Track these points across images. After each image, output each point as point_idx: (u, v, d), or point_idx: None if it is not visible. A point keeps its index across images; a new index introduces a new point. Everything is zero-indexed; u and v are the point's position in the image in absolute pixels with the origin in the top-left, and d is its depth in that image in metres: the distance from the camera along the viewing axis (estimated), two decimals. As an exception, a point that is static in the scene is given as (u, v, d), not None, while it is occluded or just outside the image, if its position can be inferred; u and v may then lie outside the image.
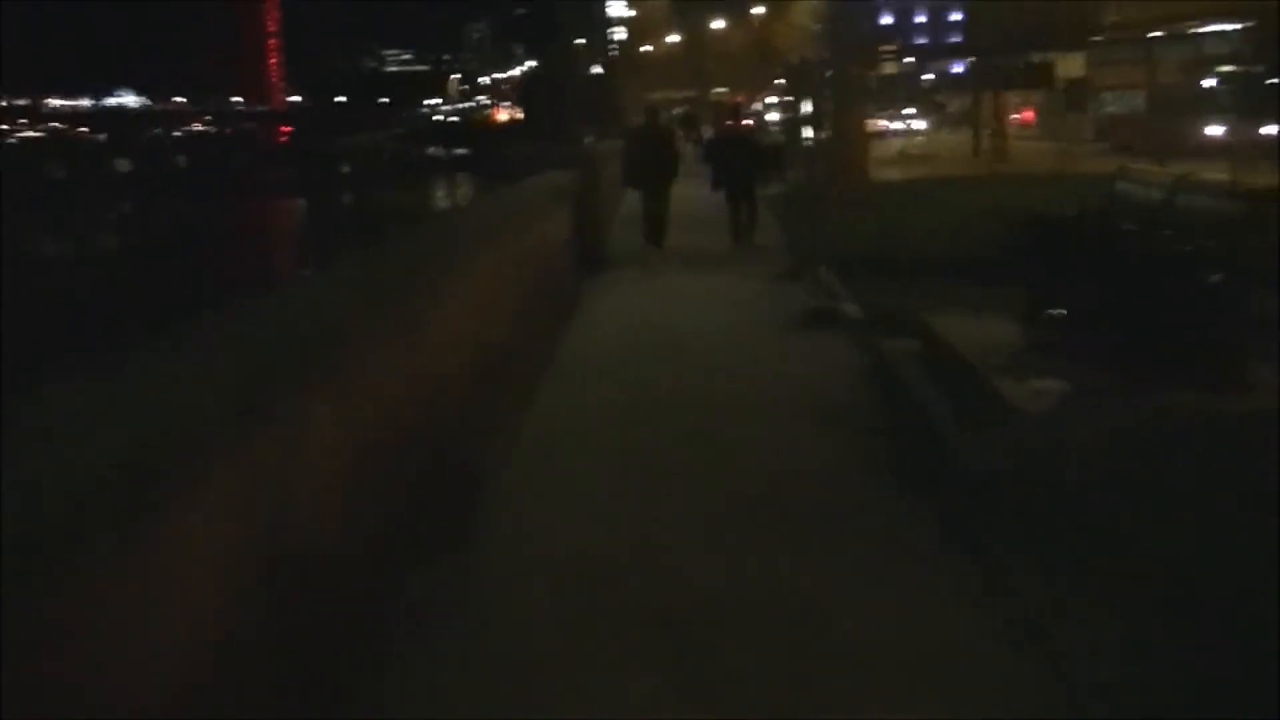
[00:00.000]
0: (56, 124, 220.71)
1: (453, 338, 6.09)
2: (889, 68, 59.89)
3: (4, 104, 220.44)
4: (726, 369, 9.26)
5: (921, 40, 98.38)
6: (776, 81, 73.91)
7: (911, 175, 27.22)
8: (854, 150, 21.45)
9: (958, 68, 71.45)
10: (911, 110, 59.82)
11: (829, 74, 23.01)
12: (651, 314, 11.99)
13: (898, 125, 53.02)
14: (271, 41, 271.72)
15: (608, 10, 44.38)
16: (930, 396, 7.43)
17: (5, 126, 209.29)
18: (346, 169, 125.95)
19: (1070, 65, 47.11)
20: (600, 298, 13.15)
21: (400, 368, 4.80)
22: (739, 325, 11.27)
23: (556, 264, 11.81)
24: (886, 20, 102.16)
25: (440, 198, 79.47)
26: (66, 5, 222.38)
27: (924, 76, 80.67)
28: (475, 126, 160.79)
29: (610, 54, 48.70)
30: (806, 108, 52.70)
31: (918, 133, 50.39)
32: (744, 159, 17.44)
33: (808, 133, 48.03)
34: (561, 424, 7.85)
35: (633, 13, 57.69)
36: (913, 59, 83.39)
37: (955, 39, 78.55)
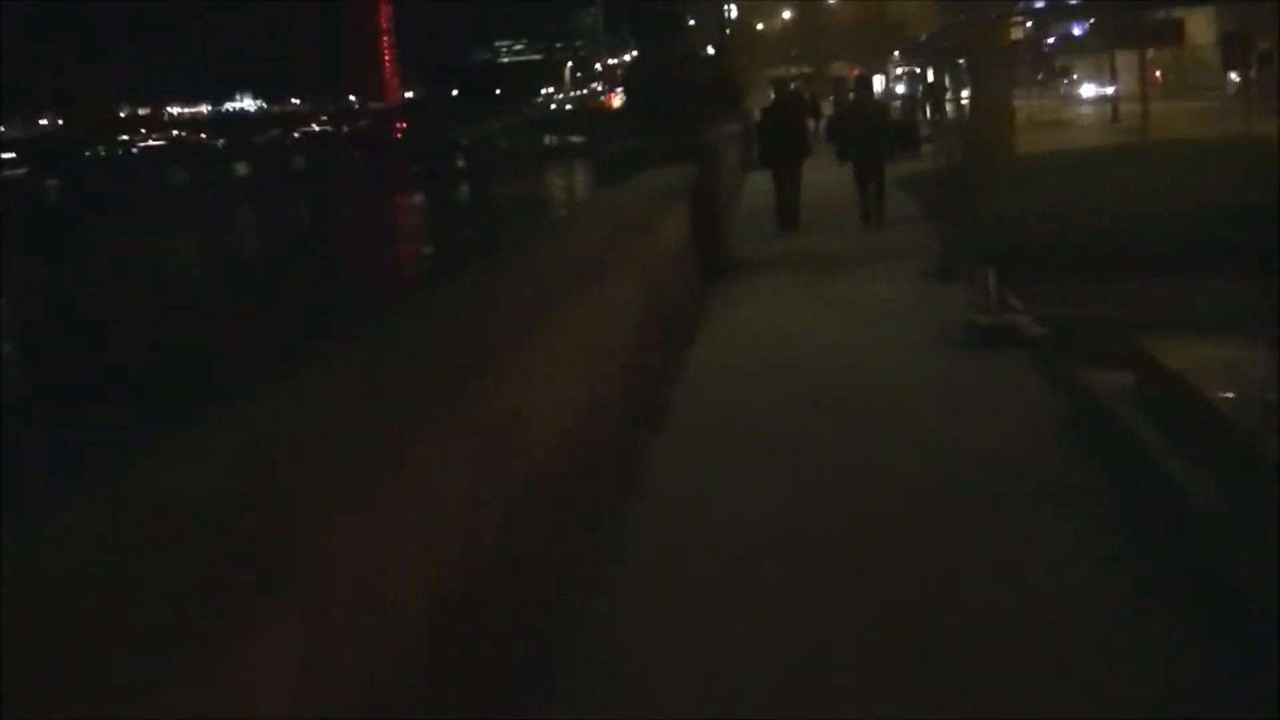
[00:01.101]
0: (178, 131, 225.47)
1: (535, 410, 4.43)
2: (1015, 33, 56.73)
3: (125, 114, 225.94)
4: (887, 422, 7.30)
5: (1039, 3, 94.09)
6: (895, 54, 71.61)
7: (1050, 147, 24.78)
8: (999, 124, 19.31)
9: (1076, 29, 68.05)
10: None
11: (957, 42, 20.85)
12: (785, 338, 10.14)
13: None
14: (384, 39, 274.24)
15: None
16: (1181, 470, 5.50)
17: (126, 136, 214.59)
18: (462, 163, 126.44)
19: (1198, 22, 43.84)
20: (724, 316, 11.36)
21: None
22: (892, 350, 9.34)
23: (672, 283, 10.06)
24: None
25: (558, 188, 78.34)
26: (180, 10, 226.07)
27: (1046, 40, 77.06)
28: (590, 113, 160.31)
29: (724, 33, 46.71)
30: (931, 79, 50.25)
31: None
32: (869, 135, 16.81)
33: (935, 107, 45.80)
34: (678, 533, 5.62)
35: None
36: (1030, 23, 79.73)
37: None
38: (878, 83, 76.18)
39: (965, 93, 27.05)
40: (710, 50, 39.60)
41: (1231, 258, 10.23)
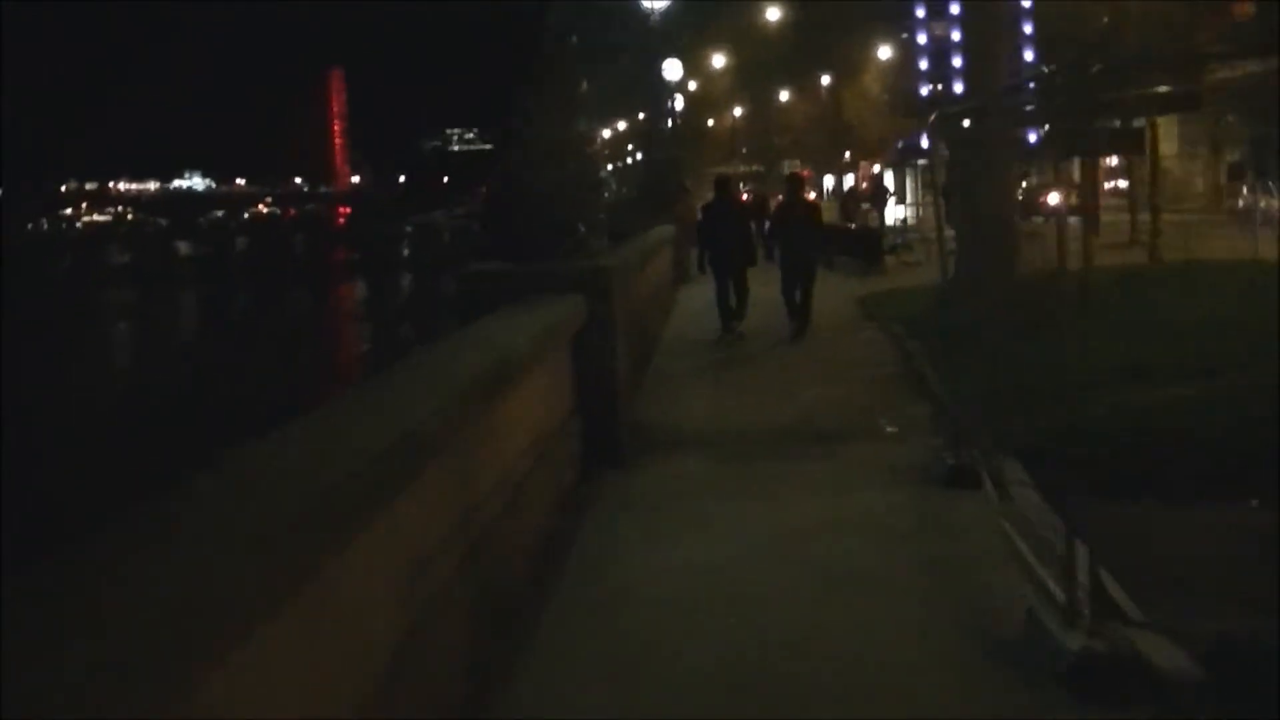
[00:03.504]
0: (122, 207, 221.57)
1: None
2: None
3: (72, 188, 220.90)
4: None
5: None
6: (845, 155, 68.70)
7: (1046, 265, 20.63)
8: (1004, 237, 15.17)
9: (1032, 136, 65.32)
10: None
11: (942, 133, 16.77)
12: (702, 673, 5.25)
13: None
14: (335, 123, 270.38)
15: (664, 75, 38.60)
16: None
17: (70, 211, 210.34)
18: (406, 251, 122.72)
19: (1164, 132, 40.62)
20: (598, 579, 6.42)
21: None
22: (908, 691, 5.01)
23: (517, 512, 5.86)
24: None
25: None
26: (136, 86, 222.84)
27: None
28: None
29: (668, 127, 43.24)
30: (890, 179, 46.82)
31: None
32: (798, 238, 15.85)
33: (897, 213, 42.22)
34: None
35: (686, 82, 52.18)
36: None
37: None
38: (828, 181, 73.56)
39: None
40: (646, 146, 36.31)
41: None
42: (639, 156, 48.16)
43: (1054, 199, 23.23)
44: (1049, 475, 7.35)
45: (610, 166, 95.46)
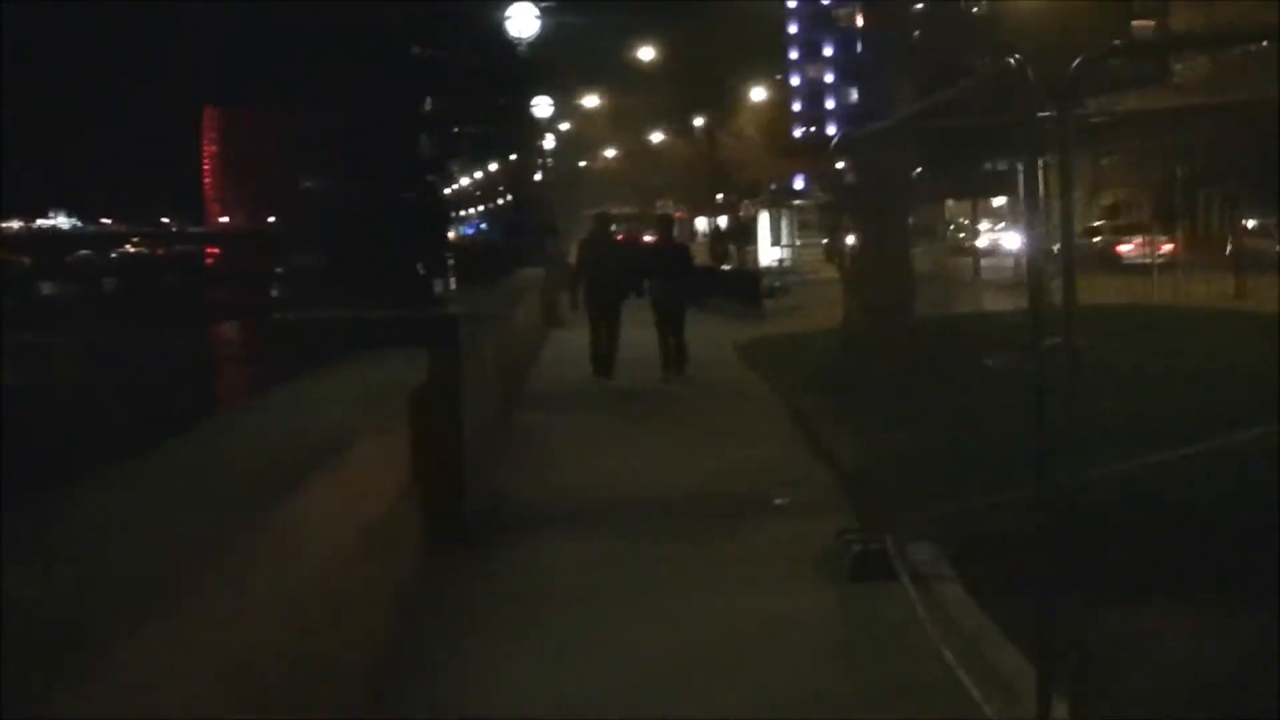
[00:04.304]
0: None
1: None
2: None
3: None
4: None
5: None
6: (718, 196, 68.14)
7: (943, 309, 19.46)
8: (903, 279, 13.92)
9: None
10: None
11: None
12: None
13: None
14: (206, 163, 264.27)
15: (533, 112, 37.39)
16: None
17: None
18: (275, 293, 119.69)
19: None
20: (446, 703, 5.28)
21: None
22: None
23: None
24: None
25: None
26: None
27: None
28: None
29: (540, 164, 42.09)
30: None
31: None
32: (667, 278, 15.62)
33: (773, 255, 41.46)
34: None
35: (557, 121, 51.07)
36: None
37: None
38: (700, 223, 72.64)
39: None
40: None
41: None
42: (509, 197, 47.10)
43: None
44: (973, 565, 6.12)
45: (481, 208, 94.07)
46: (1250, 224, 29.48)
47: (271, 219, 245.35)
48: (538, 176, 40.94)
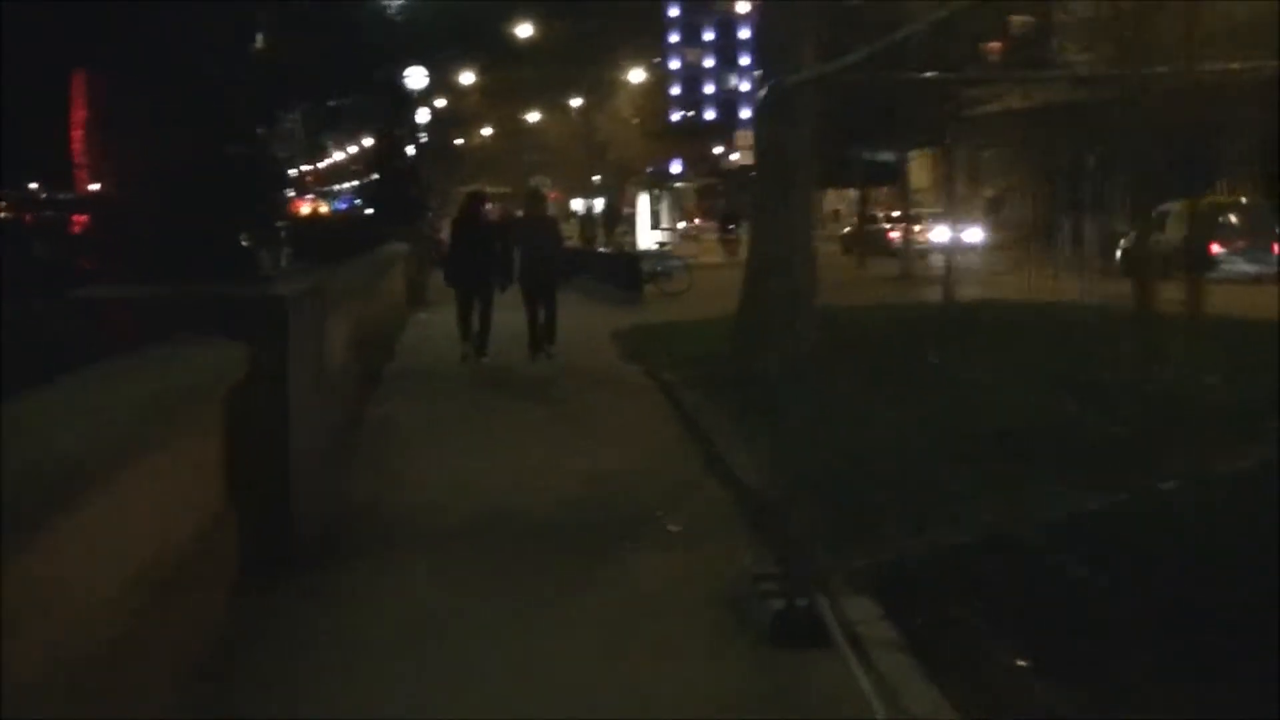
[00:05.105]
0: None
1: None
2: (746, 155, 51.31)
3: None
4: None
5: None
6: (594, 178, 66.94)
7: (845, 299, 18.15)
8: (806, 264, 12.76)
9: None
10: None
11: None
12: None
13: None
14: (75, 129, 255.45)
15: (405, 82, 35.70)
16: None
17: None
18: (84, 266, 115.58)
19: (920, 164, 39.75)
20: None
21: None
22: None
23: None
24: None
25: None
26: None
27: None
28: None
29: (413, 138, 40.56)
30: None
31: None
32: (537, 255, 15.10)
33: (653, 238, 40.36)
34: None
35: (432, 96, 49.43)
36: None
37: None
38: (576, 204, 71.20)
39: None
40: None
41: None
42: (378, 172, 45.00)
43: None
44: (920, 623, 5.00)
45: (355, 183, 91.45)
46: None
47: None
48: (410, 150, 39.38)
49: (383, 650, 5.14)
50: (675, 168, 76.51)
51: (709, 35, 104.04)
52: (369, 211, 41.85)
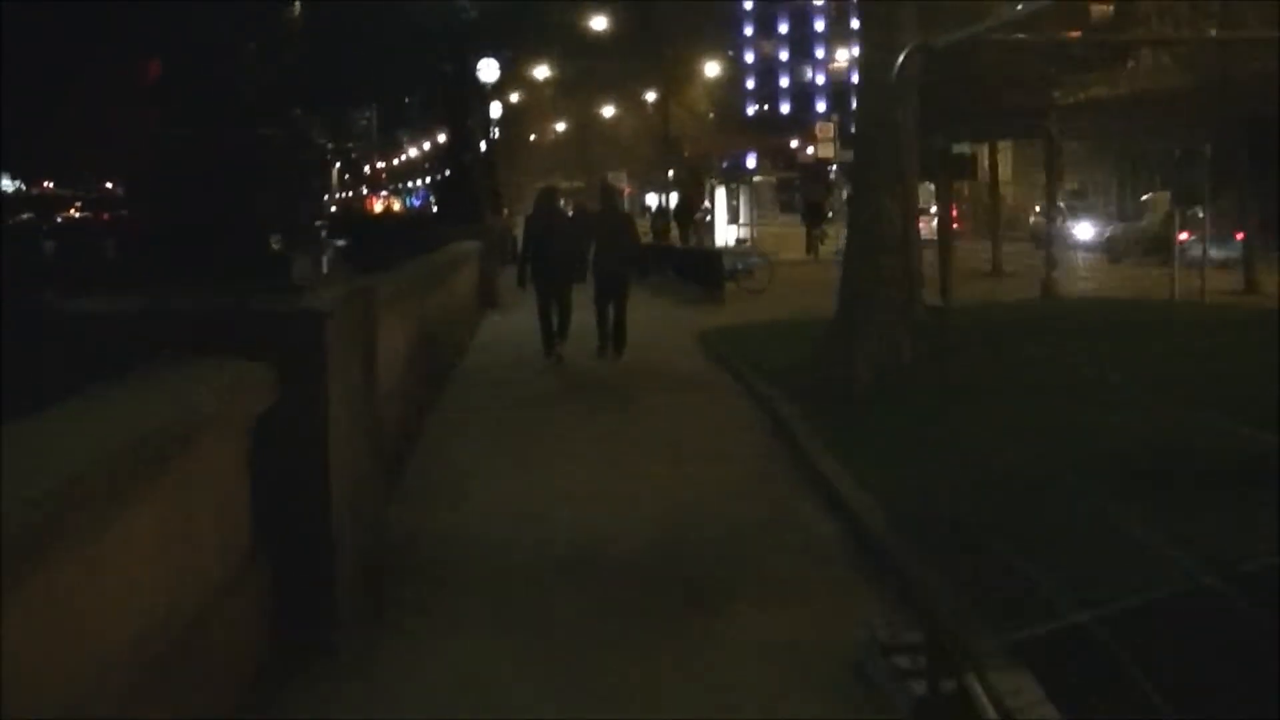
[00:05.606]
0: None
1: None
2: (825, 148, 49.90)
3: None
4: None
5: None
6: (668, 172, 65.96)
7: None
8: (910, 261, 11.45)
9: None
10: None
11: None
12: None
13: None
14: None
15: (478, 75, 34.86)
16: None
17: None
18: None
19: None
20: None
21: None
22: None
23: None
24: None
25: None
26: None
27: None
28: (354, 216, 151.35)
29: (485, 132, 39.73)
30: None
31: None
32: (610, 251, 14.35)
33: (732, 234, 39.23)
34: None
35: (505, 89, 48.67)
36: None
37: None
38: (650, 199, 70.21)
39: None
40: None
41: None
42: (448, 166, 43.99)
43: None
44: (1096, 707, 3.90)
45: (427, 180, 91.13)
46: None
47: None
48: (483, 146, 38.52)
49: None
50: (750, 162, 75.30)
51: (783, 27, 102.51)
52: (437, 209, 41.14)
